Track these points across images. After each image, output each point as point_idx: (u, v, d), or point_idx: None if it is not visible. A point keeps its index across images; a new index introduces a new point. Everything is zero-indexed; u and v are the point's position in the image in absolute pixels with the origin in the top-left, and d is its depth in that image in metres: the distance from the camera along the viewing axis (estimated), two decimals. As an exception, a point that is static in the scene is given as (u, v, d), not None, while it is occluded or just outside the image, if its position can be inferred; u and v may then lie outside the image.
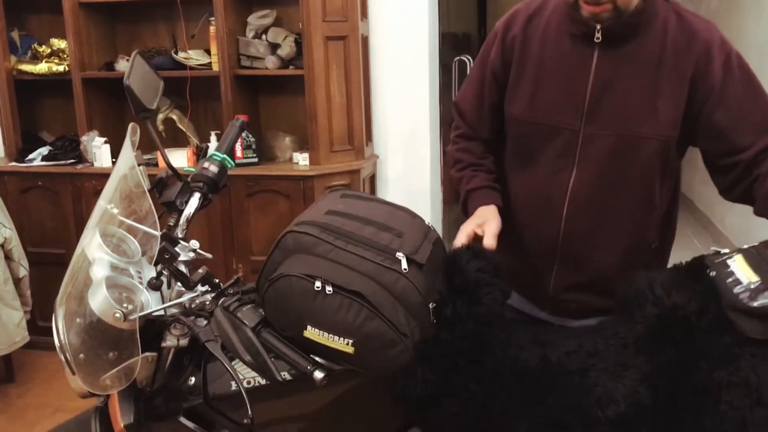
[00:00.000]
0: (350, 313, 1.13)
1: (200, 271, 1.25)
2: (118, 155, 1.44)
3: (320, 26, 3.12)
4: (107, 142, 3.36)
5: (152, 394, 1.31)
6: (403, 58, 3.48)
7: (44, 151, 3.51)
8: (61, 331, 1.25)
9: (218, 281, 1.27)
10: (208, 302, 1.25)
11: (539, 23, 1.45)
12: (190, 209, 1.39)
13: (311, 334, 1.14)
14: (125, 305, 1.21)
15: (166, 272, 1.32)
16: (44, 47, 3.47)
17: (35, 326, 3.26)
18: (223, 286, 1.27)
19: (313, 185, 3.15)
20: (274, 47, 3.29)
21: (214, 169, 1.42)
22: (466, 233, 1.39)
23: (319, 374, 1.14)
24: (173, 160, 3.42)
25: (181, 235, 1.37)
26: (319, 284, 1.13)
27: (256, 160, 3.32)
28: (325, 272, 1.15)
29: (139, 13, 3.57)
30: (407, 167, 3.61)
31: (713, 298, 1.18)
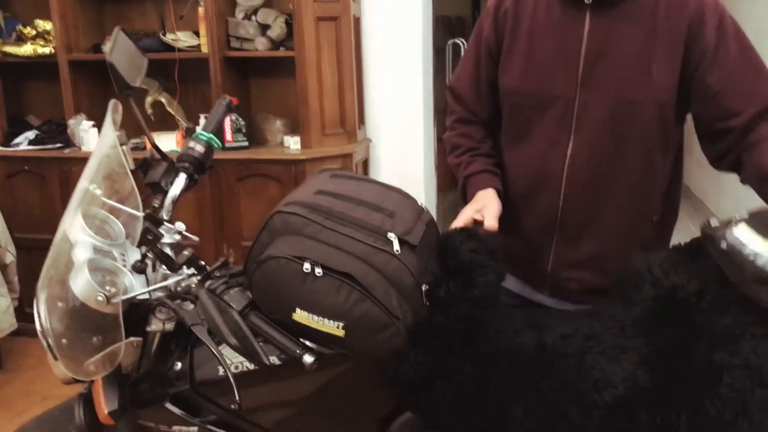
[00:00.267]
0: (340, 295, 1.09)
1: (185, 253, 1.21)
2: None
3: (311, 6, 3.06)
4: (95, 125, 3.31)
5: (138, 379, 1.28)
6: (396, 40, 3.43)
7: (31, 135, 3.46)
8: (42, 316, 1.22)
9: (204, 264, 1.23)
10: (193, 285, 1.22)
11: None
12: (175, 190, 1.34)
13: (300, 317, 1.11)
14: (108, 288, 1.17)
15: (150, 255, 1.28)
16: (29, 29, 3.40)
17: (23, 313, 3.22)
18: (209, 268, 1.23)
19: (304, 169, 3.11)
20: (264, 28, 3.23)
21: (200, 149, 1.38)
22: (464, 219, 1.35)
23: (308, 358, 1.11)
24: (162, 143, 3.38)
25: (166, 216, 1.33)
26: (308, 266, 1.09)
27: (246, 143, 3.27)
28: (314, 254, 1.11)
29: (126, -6, 3.51)
30: (401, 151, 3.57)
31: (713, 277, 1.16)
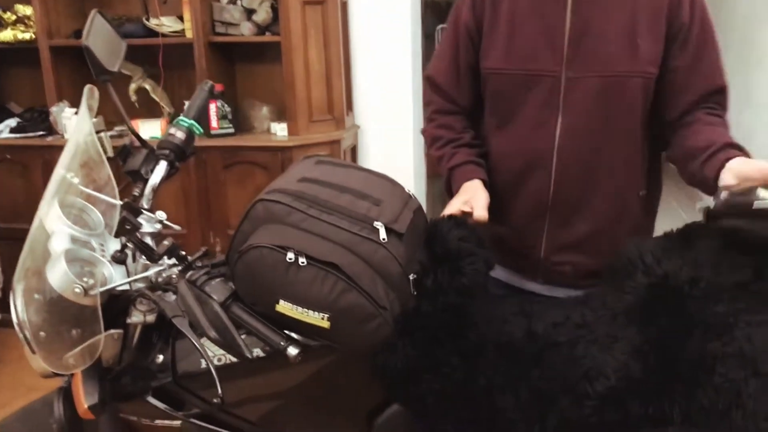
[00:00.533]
0: (325, 285, 1.06)
1: (165, 242, 1.18)
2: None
3: (297, -9, 3.02)
4: (78, 113, 3.25)
5: (119, 372, 1.25)
6: (384, 25, 3.38)
7: (12, 123, 3.40)
8: (19, 308, 1.18)
9: (185, 254, 1.20)
10: (175, 276, 1.18)
11: None
12: (156, 178, 1.30)
13: (284, 308, 1.07)
14: (86, 280, 1.14)
15: (130, 245, 1.24)
16: (9, 14, 3.33)
17: (6, 304, 3.16)
18: (190, 258, 1.20)
19: (291, 156, 3.07)
20: (249, 13, 3.18)
21: (180, 135, 1.34)
22: (452, 211, 1.33)
23: (293, 350, 1.08)
24: (146, 130, 3.32)
25: (146, 205, 1.29)
26: (291, 255, 1.06)
27: (232, 130, 3.22)
28: (298, 243, 1.08)
29: (108, -22, 3.44)
30: (390, 138, 3.53)
31: (706, 265, 1.14)
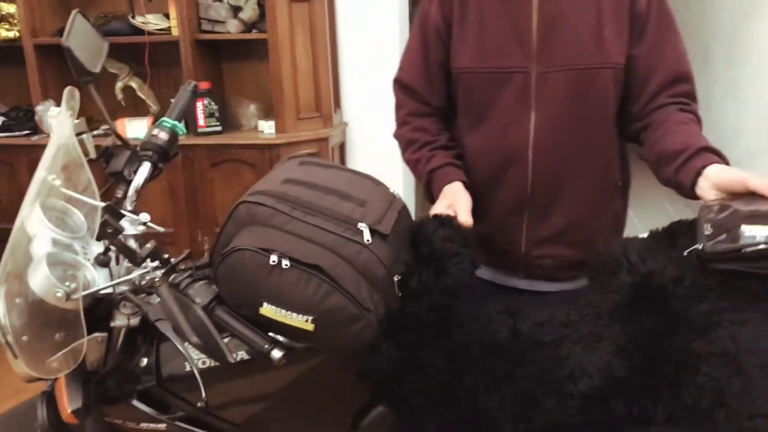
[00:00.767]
0: (309, 288, 1.06)
1: (148, 245, 1.17)
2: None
3: (283, -12, 3.00)
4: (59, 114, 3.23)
5: (104, 376, 1.24)
6: (371, 21, 3.37)
7: (-3, 122, 3.37)
8: (1, 312, 1.17)
9: (168, 256, 1.19)
10: (158, 279, 1.17)
11: None
12: (139, 180, 1.29)
13: (267, 311, 1.07)
14: (68, 284, 1.13)
15: (113, 248, 1.23)
16: (-7, 12, 3.31)
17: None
18: (173, 261, 1.19)
19: (279, 154, 3.06)
20: (236, 10, 3.17)
21: (163, 136, 1.32)
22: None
23: (276, 353, 1.07)
24: (133, 129, 3.31)
25: (130, 207, 1.28)
26: (274, 258, 1.05)
27: (219, 128, 3.21)
28: (281, 245, 1.07)
29: (93, -25, 3.41)
30: (378, 135, 3.52)
31: (691, 263, 1.14)
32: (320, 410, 1.24)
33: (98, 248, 1.26)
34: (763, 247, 1.03)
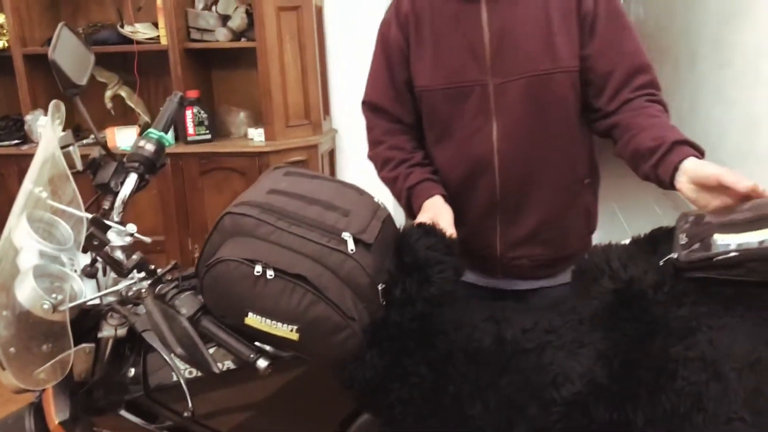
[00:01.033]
0: (293, 298, 1.07)
1: (134, 257, 1.18)
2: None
3: (272, -4, 3.02)
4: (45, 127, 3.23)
5: (92, 386, 1.25)
6: (359, 28, 3.39)
7: (-14, 131, 3.37)
8: (-12, 324, 1.17)
9: (154, 267, 1.20)
10: (144, 290, 1.18)
11: None
12: (125, 191, 1.30)
13: (253, 321, 1.08)
14: (55, 295, 1.13)
15: (100, 259, 1.24)
16: (-19, 22, 3.30)
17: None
18: (160, 272, 1.20)
19: (269, 161, 3.07)
20: (224, 19, 3.18)
21: (150, 147, 1.34)
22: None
23: (262, 363, 1.08)
24: (123, 137, 3.30)
25: (117, 218, 1.29)
26: (259, 269, 1.07)
27: (209, 136, 3.22)
28: (265, 256, 1.08)
29: (82, -15, 3.42)
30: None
31: (670, 269, 1.15)
32: (306, 418, 1.25)
33: (85, 259, 1.27)
34: (734, 255, 1.05)
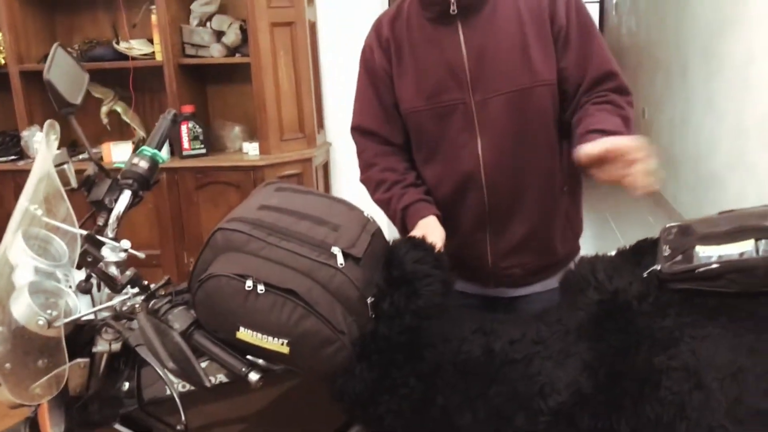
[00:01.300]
0: (284, 312, 1.09)
1: (128, 273, 1.20)
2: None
3: (265, 12, 3.05)
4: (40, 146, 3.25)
5: (87, 401, 1.26)
6: (353, 43, 3.40)
7: (-17, 147, 3.39)
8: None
9: (148, 283, 1.22)
10: (138, 305, 1.20)
11: (402, 22, 1.52)
12: (119, 208, 1.32)
13: (244, 335, 1.10)
14: (50, 311, 1.15)
15: (95, 275, 1.26)
16: (-22, 40, 3.33)
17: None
18: (153, 287, 1.22)
19: (263, 175, 3.09)
20: (219, 35, 3.21)
21: (144, 164, 1.36)
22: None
23: (254, 376, 1.10)
24: (119, 153, 3.32)
25: (111, 234, 1.31)
26: (250, 283, 1.09)
27: (204, 151, 3.24)
28: (256, 271, 1.10)
29: (78, 2, 3.45)
30: (361, 154, 3.56)
31: (654, 280, 1.18)
32: (298, 430, 1.27)
33: (80, 275, 1.29)
34: (715, 266, 1.07)
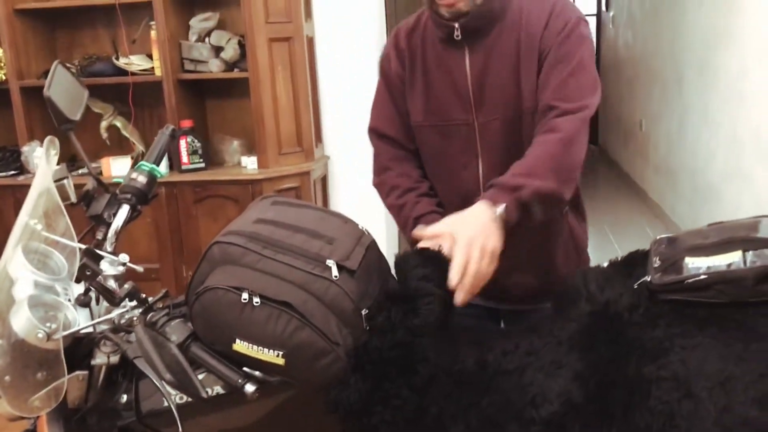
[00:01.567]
0: (279, 324, 1.11)
1: (126, 286, 1.22)
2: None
3: (263, 28, 3.09)
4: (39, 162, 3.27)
5: (85, 413, 1.27)
6: (350, 57, 3.46)
7: (-17, 162, 3.41)
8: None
9: (145, 296, 1.24)
10: (135, 318, 1.22)
11: (418, 35, 1.54)
12: (118, 222, 1.35)
13: (240, 347, 1.12)
14: (49, 324, 1.17)
15: (93, 288, 1.28)
16: (-21, 56, 3.37)
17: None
18: (151, 300, 1.24)
19: (262, 189, 3.12)
20: (217, 50, 3.25)
21: (142, 179, 1.38)
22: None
23: (250, 388, 1.12)
24: (119, 167, 3.35)
25: (110, 248, 1.33)
26: (246, 296, 1.11)
27: (203, 165, 3.27)
28: (252, 283, 1.12)
29: (78, 19, 3.49)
30: (359, 167, 3.57)
31: (644, 291, 1.19)
32: (295, 441, 1.28)
33: (79, 289, 1.30)
34: (704, 277, 1.09)
